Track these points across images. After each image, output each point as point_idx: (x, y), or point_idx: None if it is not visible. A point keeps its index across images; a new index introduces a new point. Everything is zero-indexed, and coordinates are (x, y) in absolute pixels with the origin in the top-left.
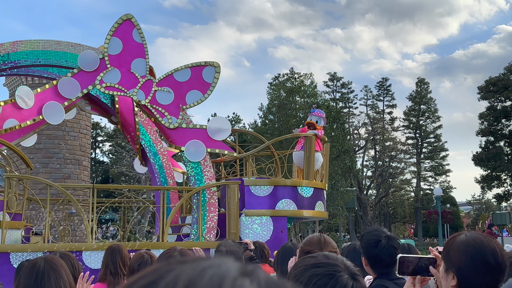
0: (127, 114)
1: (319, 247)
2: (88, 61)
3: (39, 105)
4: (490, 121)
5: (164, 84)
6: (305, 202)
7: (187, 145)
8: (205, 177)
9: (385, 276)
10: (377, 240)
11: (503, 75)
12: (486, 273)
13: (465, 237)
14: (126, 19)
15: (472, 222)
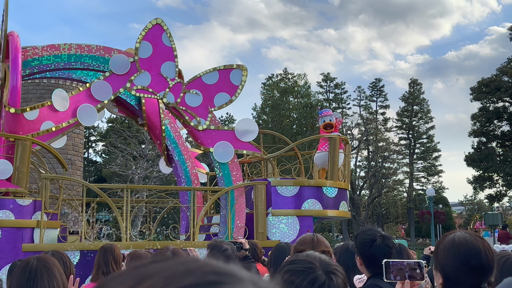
0: (153, 116)
1: (312, 247)
2: (120, 65)
3: (73, 108)
4: (482, 122)
5: (193, 87)
6: (330, 202)
7: (215, 146)
8: (233, 178)
9: (379, 276)
10: (372, 239)
11: (495, 76)
12: (469, 273)
13: (451, 237)
14: (155, 23)
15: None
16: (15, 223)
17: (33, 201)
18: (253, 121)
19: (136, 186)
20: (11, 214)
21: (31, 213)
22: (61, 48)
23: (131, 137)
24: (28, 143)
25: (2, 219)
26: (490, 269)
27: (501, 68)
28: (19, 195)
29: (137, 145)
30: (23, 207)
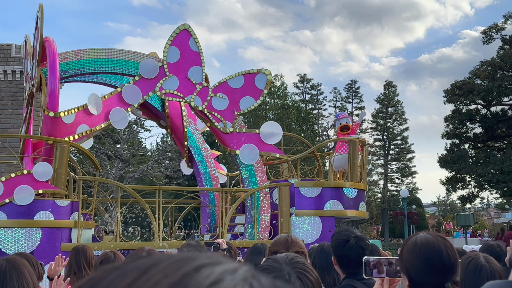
0: (176, 119)
1: (286, 247)
2: (149, 69)
3: (105, 111)
4: (455, 124)
5: (219, 91)
6: (350, 203)
7: (241, 148)
8: (258, 179)
9: (354, 276)
10: (346, 240)
11: (468, 79)
12: (432, 273)
13: (414, 239)
14: (183, 29)
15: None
16: (54, 223)
17: (70, 202)
18: (277, 124)
19: (168, 188)
20: (51, 215)
21: (69, 214)
22: (93, 54)
23: (106, 137)
24: (66, 146)
25: (43, 219)
26: (453, 269)
27: (474, 71)
28: (57, 196)
29: (112, 144)
30: (61, 208)
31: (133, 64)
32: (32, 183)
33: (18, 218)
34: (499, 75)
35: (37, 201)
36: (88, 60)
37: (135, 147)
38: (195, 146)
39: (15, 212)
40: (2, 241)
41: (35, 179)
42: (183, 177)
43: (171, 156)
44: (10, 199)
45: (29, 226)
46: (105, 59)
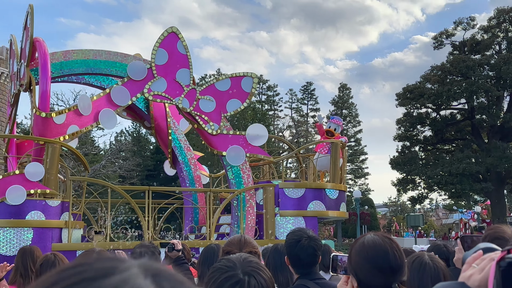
0: (160, 120)
1: (239, 247)
2: (137, 71)
3: (95, 112)
4: (406, 127)
5: (206, 93)
6: (332, 203)
7: (228, 150)
8: (244, 180)
9: (306, 276)
10: (298, 240)
11: (419, 83)
12: (379, 274)
13: (361, 241)
14: (171, 32)
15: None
16: (45, 223)
17: (61, 202)
18: (263, 126)
19: (157, 188)
20: (42, 215)
21: (59, 214)
22: (81, 55)
23: None
24: (57, 146)
25: (34, 219)
26: (399, 269)
27: (425, 76)
28: (48, 196)
29: None
30: (52, 208)
31: (121, 66)
32: (24, 183)
33: (10, 218)
34: (449, 80)
35: (28, 201)
36: (76, 61)
37: (88, 146)
38: (178, 148)
39: (6, 212)
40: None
41: (27, 179)
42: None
43: (125, 155)
44: (1, 199)
45: (20, 226)
46: (93, 60)
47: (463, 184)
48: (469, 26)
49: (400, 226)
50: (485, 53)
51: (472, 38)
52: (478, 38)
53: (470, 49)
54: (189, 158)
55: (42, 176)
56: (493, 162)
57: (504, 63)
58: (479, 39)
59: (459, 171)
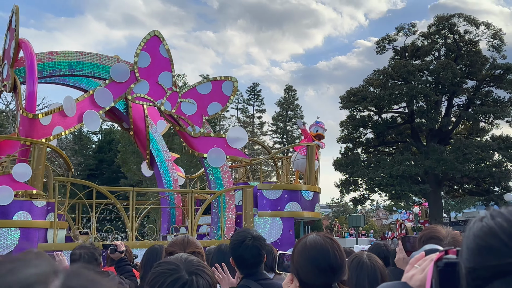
0: (139, 122)
1: (182, 248)
2: (120, 73)
3: (79, 113)
4: (349, 129)
5: (188, 96)
6: (307, 204)
7: (209, 152)
8: (224, 182)
9: (251, 277)
10: (242, 240)
11: (362, 86)
12: (320, 274)
13: (304, 241)
14: (153, 35)
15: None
16: (32, 223)
17: (46, 202)
18: (243, 129)
19: (141, 189)
20: (28, 215)
21: (45, 214)
22: (62, 55)
23: None
24: (43, 147)
25: (21, 220)
26: (340, 269)
27: (368, 79)
28: (34, 196)
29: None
30: (38, 208)
31: (104, 68)
32: (11, 183)
33: None
34: (390, 84)
35: (15, 202)
36: (60, 62)
37: None
38: (156, 149)
39: None
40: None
41: (14, 180)
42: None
43: (66, 154)
44: None
45: (7, 226)
46: (76, 62)
47: (402, 186)
48: (410, 32)
49: (342, 226)
50: (425, 59)
51: (412, 44)
52: (419, 44)
53: (410, 54)
54: (166, 159)
55: (29, 176)
56: (431, 164)
57: (443, 68)
58: (419, 45)
59: (399, 173)
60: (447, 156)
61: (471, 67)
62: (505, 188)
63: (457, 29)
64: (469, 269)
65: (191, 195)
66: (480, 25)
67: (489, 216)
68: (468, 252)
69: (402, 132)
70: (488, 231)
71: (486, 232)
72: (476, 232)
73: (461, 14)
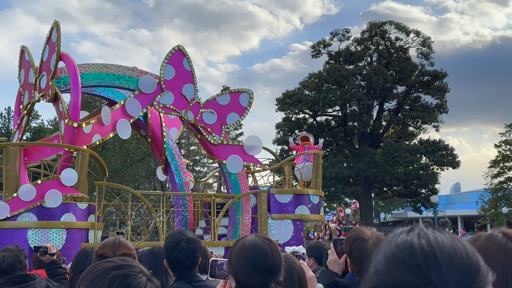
0: (156, 129)
1: (113, 250)
2: (148, 85)
3: (112, 122)
4: (285, 131)
5: (209, 107)
6: (314, 208)
7: (228, 159)
8: (241, 186)
9: (184, 279)
10: (177, 242)
11: (298, 89)
12: (257, 275)
13: (242, 242)
14: (177, 50)
15: None
16: (76, 224)
17: (88, 205)
18: (259, 138)
19: (171, 193)
20: (73, 217)
21: (87, 216)
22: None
23: None
24: (86, 153)
25: (67, 221)
26: (277, 270)
27: (303, 83)
28: (78, 199)
29: None
30: (81, 210)
31: (129, 79)
32: (59, 187)
33: (47, 219)
34: (325, 88)
35: (62, 204)
36: (91, 74)
37: None
38: (171, 156)
39: (44, 214)
40: (34, 240)
41: (62, 184)
42: None
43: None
44: (40, 202)
45: (56, 227)
46: (106, 74)
47: (335, 187)
48: (344, 37)
49: None
50: (358, 64)
51: (346, 49)
52: (352, 49)
53: (344, 59)
54: (179, 165)
55: (75, 181)
56: (363, 167)
57: (375, 74)
58: (353, 50)
59: (332, 175)
60: (377, 159)
61: (401, 73)
62: (431, 190)
63: (389, 36)
64: (378, 271)
65: (213, 199)
66: (410, 32)
67: (416, 234)
68: (383, 257)
69: (336, 135)
70: (409, 247)
71: (407, 247)
72: (398, 243)
73: (393, 21)
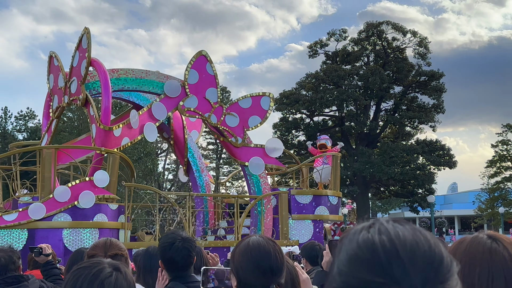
0: (179, 132)
1: (104, 250)
2: (173, 89)
3: (140, 126)
4: (282, 131)
5: (231, 110)
6: (333, 208)
7: (250, 160)
8: (263, 187)
9: (179, 279)
10: (172, 242)
11: (295, 89)
12: (259, 275)
13: (246, 242)
14: (201, 55)
15: None
16: (107, 224)
17: (118, 206)
18: (280, 140)
19: (198, 194)
20: (105, 217)
21: (117, 216)
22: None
23: None
24: (117, 156)
25: (100, 221)
26: (279, 271)
27: (300, 83)
28: (109, 200)
29: None
30: (112, 211)
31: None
32: (92, 188)
33: (81, 219)
34: (322, 88)
35: (95, 205)
36: (121, 78)
37: None
38: (193, 158)
39: (78, 214)
40: (68, 240)
41: (94, 185)
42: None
43: None
44: (75, 203)
45: (90, 226)
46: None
47: None
48: (341, 37)
49: None
50: (355, 64)
51: (343, 49)
52: (349, 49)
53: (341, 59)
54: (201, 166)
55: (107, 182)
56: (360, 167)
57: (372, 74)
58: (350, 50)
59: None
60: (374, 159)
61: (398, 73)
62: (428, 190)
63: (386, 36)
64: (341, 271)
65: (237, 200)
66: (407, 33)
67: (376, 230)
68: (346, 257)
69: (333, 135)
70: (370, 245)
71: (368, 245)
72: (359, 241)
73: (390, 21)
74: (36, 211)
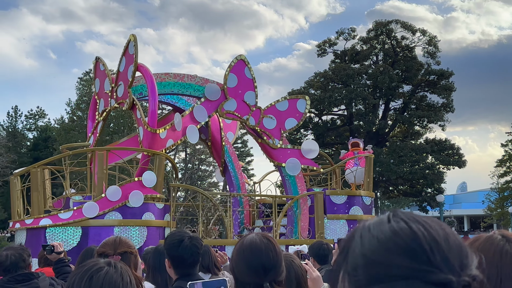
0: (216, 134)
1: (114, 248)
2: (213, 92)
3: (182, 128)
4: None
5: (269, 112)
6: (367, 208)
7: (287, 162)
8: (299, 188)
9: (186, 277)
10: (181, 240)
11: (304, 88)
12: (251, 273)
13: (242, 239)
14: (240, 59)
15: None
16: (155, 223)
17: (164, 205)
18: (315, 142)
19: (237, 194)
20: (153, 216)
21: (163, 215)
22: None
23: None
24: (163, 157)
25: (148, 219)
26: (272, 269)
27: (309, 81)
28: (156, 200)
29: None
30: (159, 210)
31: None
32: (141, 188)
33: (131, 218)
34: (330, 87)
35: (143, 204)
36: (164, 83)
37: None
38: (229, 160)
39: (127, 212)
40: None
41: (143, 185)
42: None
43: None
44: (125, 202)
45: (139, 225)
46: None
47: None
48: (350, 36)
49: None
50: (363, 63)
51: (352, 48)
52: (358, 48)
53: (350, 58)
54: (237, 168)
55: (155, 182)
56: None
57: (380, 73)
58: (358, 49)
59: None
60: (383, 158)
61: (407, 72)
62: (437, 189)
63: (395, 35)
64: (372, 261)
65: (275, 200)
66: (416, 31)
67: (406, 219)
68: (377, 246)
69: (341, 134)
70: (410, 233)
71: (408, 234)
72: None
73: (399, 20)
74: (90, 209)
